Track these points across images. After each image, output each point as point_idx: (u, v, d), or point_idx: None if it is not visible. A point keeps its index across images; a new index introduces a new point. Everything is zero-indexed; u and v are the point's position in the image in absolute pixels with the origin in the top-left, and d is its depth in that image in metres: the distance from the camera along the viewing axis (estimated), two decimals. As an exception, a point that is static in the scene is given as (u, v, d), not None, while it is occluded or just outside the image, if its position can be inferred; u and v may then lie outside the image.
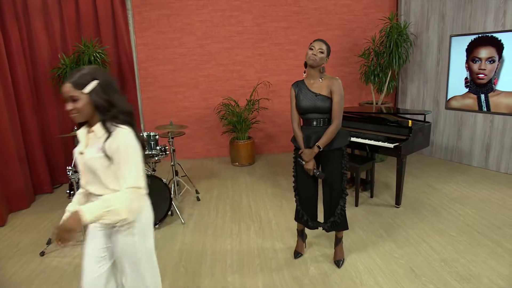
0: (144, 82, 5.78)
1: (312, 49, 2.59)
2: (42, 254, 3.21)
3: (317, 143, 2.65)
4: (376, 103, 5.63)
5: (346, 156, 2.76)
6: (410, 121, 3.81)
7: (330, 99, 2.64)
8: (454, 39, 5.16)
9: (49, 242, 3.29)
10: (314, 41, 2.62)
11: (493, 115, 4.93)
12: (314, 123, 2.69)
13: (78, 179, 3.28)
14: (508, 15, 4.62)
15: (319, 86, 2.66)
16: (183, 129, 4.13)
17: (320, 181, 2.83)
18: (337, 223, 2.83)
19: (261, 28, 5.82)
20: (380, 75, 5.42)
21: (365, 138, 4.01)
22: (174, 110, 5.92)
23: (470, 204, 4.00)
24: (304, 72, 2.73)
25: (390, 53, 5.15)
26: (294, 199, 2.95)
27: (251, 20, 5.78)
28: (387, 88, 5.52)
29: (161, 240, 3.45)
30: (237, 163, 5.66)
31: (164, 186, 3.62)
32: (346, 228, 2.89)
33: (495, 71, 4.79)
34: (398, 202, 3.95)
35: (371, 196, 4.27)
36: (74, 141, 3.43)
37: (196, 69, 5.84)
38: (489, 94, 4.90)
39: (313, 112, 2.66)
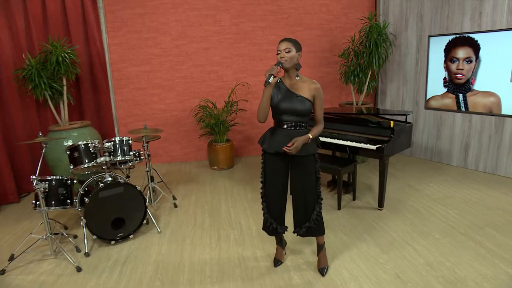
0: (117, 84, 5.53)
1: (279, 53, 2.47)
2: (3, 272, 2.94)
3: (309, 133, 2.52)
4: (356, 104, 5.58)
5: (318, 160, 2.66)
6: (392, 122, 3.75)
7: (309, 102, 2.52)
8: (432, 39, 5.16)
9: (11, 259, 3.03)
10: (279, 44, 2.49)
11: (471, 114, 4.96)
12: (285, 125, 2.56)
13: (44, 188, 3.06)
14: (484, 16, 4.65)
15: (299, 86, 2.54)
16: (158, 133, 3.93)
17: (289, 186, 2.70)
18: (312, 228, 2.70)
19: (238, 28, 5.68)
20: (360, 75, 5.36)
21: (347, 140, 3.93)
22: (149, 113, 5.69)
23: (452, 205, 3.97)
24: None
25: (370, 53, 5.10)
26: (262, 205, 2.79)
27: (228, 20, 5.62)
28: (367, 88, 5.47)
29: (135, 251, 3.24)
30: (215, 167, 5.48)
31: (138, 194, 3.42)
32: (323, 233, 2.77)
33: (473, 71, 4.81)
34: (381, 204, 3.88)
35: (354, 199, 4.18)
36: (41, 147, 3.19)
37: (172, 70, 5.64)
38: (467, 94, 4.92)
39: (289, 114, 2.52)
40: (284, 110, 2.52)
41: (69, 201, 3.27)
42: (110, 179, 3.38)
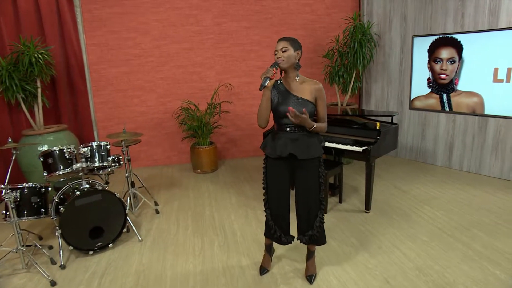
0: (96, 86, 5.33)
1: (276, 53, 2.37)
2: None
3: (315, 124, 2.38)
4: (341, 104, 5.53)
5: (323, 164, 2.56)
6: (378, 123, 3.69)
7: (311, 103, 2.42)
8: (416, 39, 5.15)
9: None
10: (276, 43, 2.40)
11: (455, 115, 4.97)
12: (288, 128, 2.45)
13: (15, 197, 2.87)
14: (466, 17, 4.66)
15: (299, 88, 2.43)
16: (138, 136, 3.78)
17: (293, 192, 2.59)
18: (315, 237, 2.60)
19: (221, 28, 5.55)
20: (344, 76, 5.32)
21: (333, 142, 3.86)
22: (130, 116, 5.51)
23: (438, 206, 3.95)
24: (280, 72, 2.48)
25: (354, 53, 5.06)
26: (264, 213, 2.68)
27: (211, 20, 5.50)
28: (351, 89, 5.43)
29: (115, 261, 3.08)
30: (199, 170, 5.34)
31: (118, 201, 3.26)
32: (324, 242, 2.68)
33: (456, 72, 4.82)
34: (368, 207, 3.82)
35: (340, 202, 4.12)
36: (12, 153, 3.00)
37: (153, 71, 5.47)
38: (451, 94, 4.93)
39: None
40: (285, 113, 2.40)
41: (43, 210, 3.08)
42: (87, 186, 3.22)
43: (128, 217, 3.37)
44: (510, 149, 4.55)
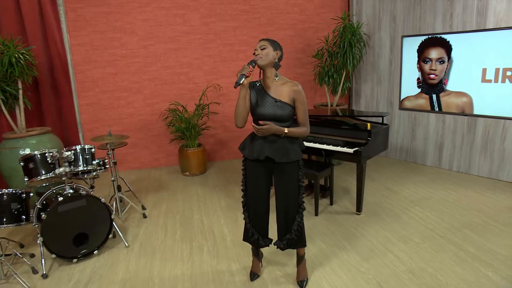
0: (81, 87, 5.19)
1: (255, 52, 2.32)
2: None
3: (286, 129, 2.31)
4: (331, 105, 5.50)
5: (303, 166, 2.49)
6: (368, 124, 3.65)
7: (290, 106, 2.35)
8: (405, 39, 5.14)
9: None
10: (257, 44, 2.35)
11: (445, 115, 4.97)
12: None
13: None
14: (455, 17, 4.66)
15: (278, 90, 2.36)
16: (124, 139, 3.67)
17: (272, 194, 2.53)
18: (293, 240, 2.54)
19: (209, 28, 5.46)
20: (334, 76, 5.28)
21: (323, 143, 3.80)
22: (116, 117, 5.38)
23: (429, 206, 3.93)
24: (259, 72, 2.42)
25: (344, 54, 5.02)
26: (242, 216, 2.61)
27: (199, 19, 5.40)
28: (341, 89, 5.40)
29: (100, 268, 2.98)
30: (187, 173, 5.24)
31: (103, 206, 3.15)
32: (304, 245, 2.61)
33: (445, 72, 4.82)
34: (359, 209, 3.78)
35: (331, 204, 4.07)
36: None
37: (140, 72, 5.35)
38: (440, 94, 4.93)
39: (268, 120, 2.34)
40: (263, 115, 2.34)
41: (24, 216, 2.95)
42: (71, 191, 3.10)
43: (114, 223, 3.27)
44: (499, 149, 4.56)
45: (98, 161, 3.45)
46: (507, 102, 4.36)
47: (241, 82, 2.24)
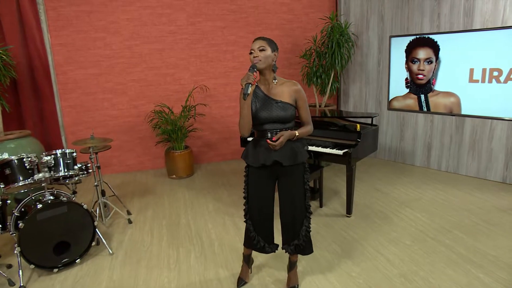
0: (63, 89, 5.03)
1: (252, 52, 2.21)
2: None
3: (297, 132, 2.27)
4: (320, 106, 5.45)
5: (308, 169, 2.42)
6: (358, 125, 3.60)
7: (292, 106, 2.28)
8: (393, 39, 5.13)
9: None
10: (252, 42, 2.25)
11: (433, 115, 4.97)
12: (269, 135, 2.28)
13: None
14: (442, 18, 4.66)
15: (278, 91, 2.28)
16: (108, 142, 3.55)
17: (276, 199, 2.45)
18: (302, 246, 2.46)
19: (195, 28, 5.36)
20: (322, 77, 5.23)
21: (312, 145, 3.74)
22: (100, 120, 5.23)
23: (419, 208, 3.91)
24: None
25: (332, 54, 4.98)
26: (246, 224, 2.52)
27: (185, 19, 5.29)
28: (330, 89, 5.35)
29: (83, 278, 2.85)
30: (174, 176, 5.13)
31: (85, 213, 3.02)
32: (311, 251, 2.52)
33: (433, 72, 4.81)
34: (349, 211, 3.73)
35: (321, 206, 4.01)
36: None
37: (124, 73, 5.22)
38: (429, 95, 4.92)
39: (272, 123, 2.26)
40: (265, 119, 2.25)
41: (0, 225, 2.81)
42: (51, 197, 2.97)
43: (97, 229, 3.15)
44: (486, 149, 4.57)
45: (80, 165, 3.33)
46: (494, 102, 4.37)
47: (248, 92, 2.13)
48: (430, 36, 4.76)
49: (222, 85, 5.61)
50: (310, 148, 3.69)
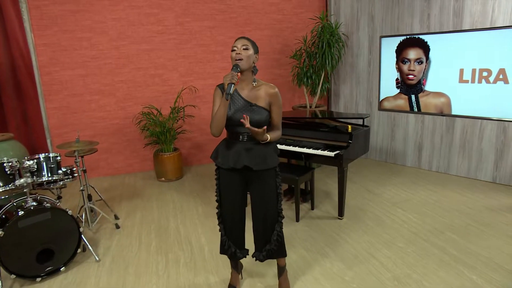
0: (48, 90, 4.90)
1: (234, 49, 2.15)
2: None
3: (268, 136, 2.19)
4: (310, 106, 5.40)
5: (279, 174, 2.36)
6: (349, 126, 3.56)
7: (266, 111, 2.22)
8: (384, 40, 5.11)
9: None
10: (235, 41, 2.19)
11: (424, 115, 4.96)
12: (241, 137, 2.23)
13: None
14: (432, 18, 4.66)
15: (253, 94, 2.22)
16: (94, 145, 3.44)
17: (249, 204, 2.38)
18: (273, 250, 2.40)
19: (184, 28, 5.27)
20: (313, 77, 5.19)
21: (303, 147, 3.69)
22: (87, 122, 5.11)
23: (411, 208, 3.88)
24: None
25: (322, 54, 4.94)
26: (218, 227, 2.45)
27: (173, 19, 5.20)
28: (320, 90, 5.31)
29: (68, 286, 2.75)
30: (163, 178, 5.03)
31: (70, 219, 2.92)
32: (284, 255, 2.47)
33: (424, 72, 4.81)
34: (341, 213, 3.68)
35: (312, 208, 3.96)
36: None
37: (112, 74, 5.10)
38: (419, 95, 4.91)
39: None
40: (238, 120, 2.19)
41: (-21, 233, 2.70)
42: (34, 203, 2.85)
43: (83, 235, 3.05)
44: (476, 149, 4.58)
45: (65, 169, 3.22)
46: (484, 102, 4.38)
47: (231, 91, 2.07)
48: (420, 36, 4.75)
49: (211, 86, 5.53)
50: (301, 149, 3.64)
